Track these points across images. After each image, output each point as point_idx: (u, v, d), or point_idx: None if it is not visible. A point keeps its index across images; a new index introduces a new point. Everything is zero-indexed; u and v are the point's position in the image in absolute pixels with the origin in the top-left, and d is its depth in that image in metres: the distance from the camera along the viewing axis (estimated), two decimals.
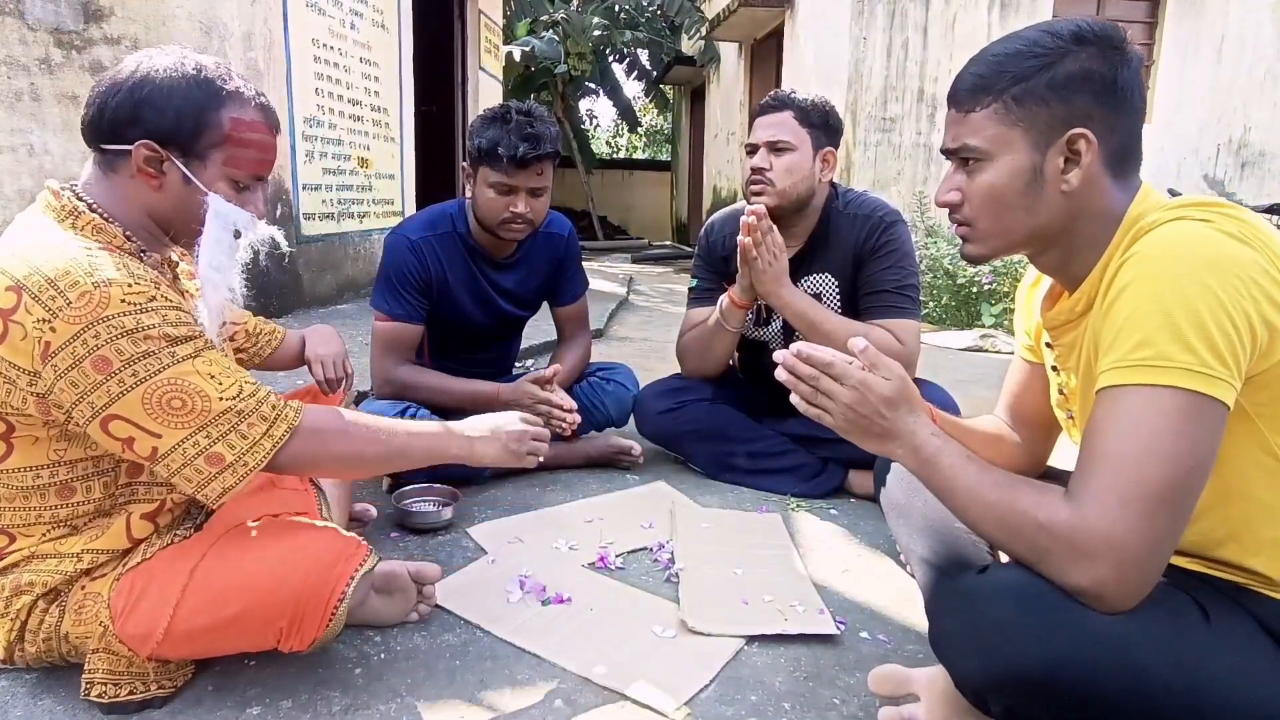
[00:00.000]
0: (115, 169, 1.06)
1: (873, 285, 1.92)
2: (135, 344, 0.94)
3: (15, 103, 3.60)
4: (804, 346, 0.96)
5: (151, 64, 1.04)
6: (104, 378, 0.93)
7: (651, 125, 23.70)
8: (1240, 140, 7.16)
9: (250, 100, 1.10)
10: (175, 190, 1.06)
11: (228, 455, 0.99)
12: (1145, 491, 0.78)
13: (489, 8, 7.46)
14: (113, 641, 1.03)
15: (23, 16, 3.56)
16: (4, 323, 0.93)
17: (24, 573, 1.04)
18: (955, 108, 0.96)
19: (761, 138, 1.91)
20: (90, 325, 0.92)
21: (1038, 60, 0.90)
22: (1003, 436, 1.24)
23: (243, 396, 1.00)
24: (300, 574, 1.03)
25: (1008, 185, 0.93)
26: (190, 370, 0.97)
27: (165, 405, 0.96)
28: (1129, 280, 0.83)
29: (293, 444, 1.03)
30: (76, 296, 0.92)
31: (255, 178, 1.13)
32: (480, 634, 1.32)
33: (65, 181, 1.07)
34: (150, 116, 1.02)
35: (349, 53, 4.70)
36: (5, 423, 1.00)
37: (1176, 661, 0.79)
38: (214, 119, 1.05)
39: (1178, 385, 0.78)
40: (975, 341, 4.67)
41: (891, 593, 1.52)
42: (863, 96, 6.68)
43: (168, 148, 1.04)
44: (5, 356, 0.94)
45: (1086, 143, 0.89)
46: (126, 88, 1.03)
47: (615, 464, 2.17)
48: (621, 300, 5.99)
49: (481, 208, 1.91)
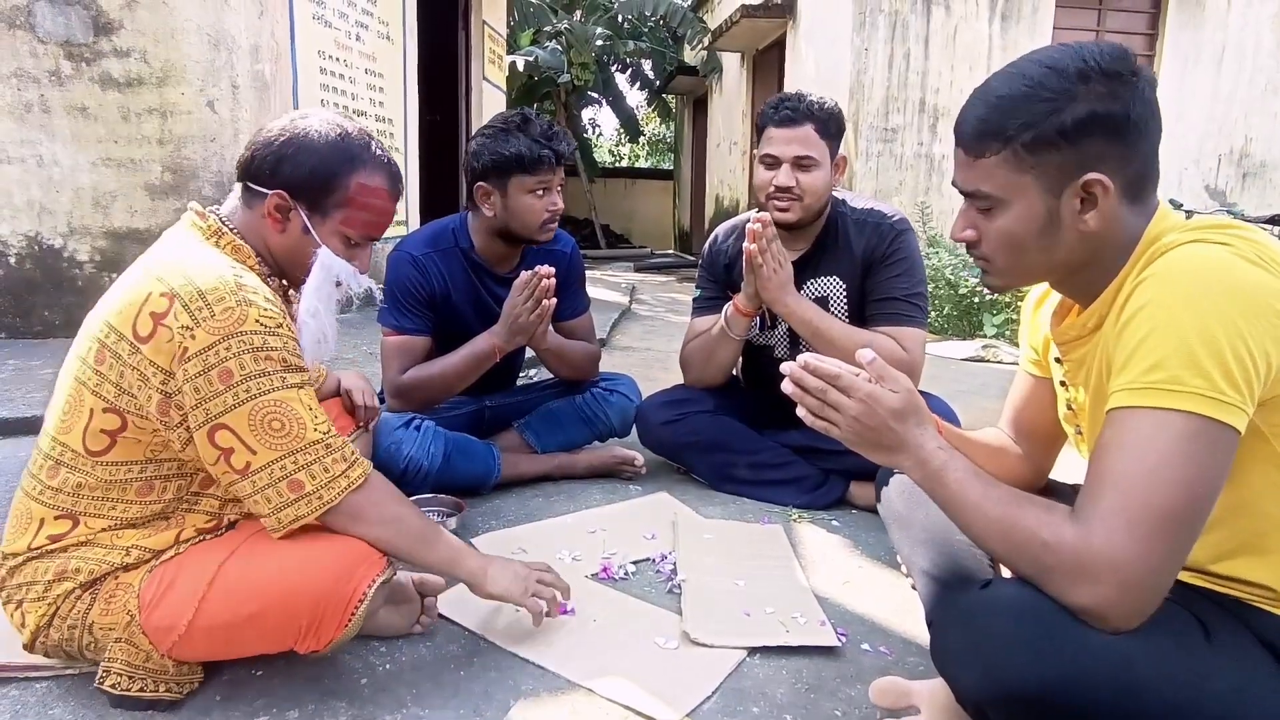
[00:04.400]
0: (252, 206, 1.19)
1: (881, 292, 1.93)
2: (257, 362, 1.03)
3: (25, 114, 3.63)
4: (810, 358, 0.96)
5: (306, 123, 1.18)
6: (224, 388, 1.02)
7: (654, 134, 23.78)
8: (1241, 151, 7.18)
9: (382, 168, 1.22)
10: (294, 237, 1.19)
11: (307, 484, 1.07)
12: (1152, 515, 0.78)
13: (493, 18, 7.51)
14: (136, 633, 1.06)
15: (33, 30, 3.60)
16: (155, 324, 1.02)
17: (72, 558, 1.08)
18: (965, 151, 0.94)
19: (786, 154, 1.88)
20: (226, 338, 1.02)
21: (1045, 105, 0.87)
22: (1005, 449, 1.25)
23: (331, 434, 1.09)
24: (323, 575, 1.06)
25: (1024, 230, 0.92)
26: (295, 398, 1.06)
27: (267, 425, 1.04)
28: (1144, 302, 0.83)
29: (360, 493, 1.10)
30: (221, 310, 1.02)
31: (367, 238, 1.24)
32: (485, 644, 1.33)
33: (207, 208, 1.19)
34: (288, 170, 1.16)
35: (354, 64, 4.74)
36: (121, 418, 1.06)
37: (1178, 679, 0.80)
38: (342, 182, 1.18)
39: (1190, 410, 0.78)
40: (977, 352, 4.67)
41: (893, 605, 1.52)
42: (864, 107, 6.72)
43: (297, 199, 1.17)
44: (148, 355, 1.02)
45: (1103, 187, 0.88)
46: (278, 141, 1.16)
47: (618, 474, 2.18)
48: (624, 310, 6.00)
49: (520, 216, 1.92)
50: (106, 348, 1.05)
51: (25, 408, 2.59)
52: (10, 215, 3.70)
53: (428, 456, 1.86)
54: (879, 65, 6.67)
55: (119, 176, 3.71)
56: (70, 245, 3.74)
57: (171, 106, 3.67)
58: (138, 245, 3.73)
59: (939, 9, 6.66)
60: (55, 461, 1.08)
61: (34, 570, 1.08)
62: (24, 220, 3.71)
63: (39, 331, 3.77)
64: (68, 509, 1.08)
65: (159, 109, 3.67)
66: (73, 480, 1.07)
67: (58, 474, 1.08)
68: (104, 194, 3.72)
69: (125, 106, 3.66)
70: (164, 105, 3.67)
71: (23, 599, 1.08)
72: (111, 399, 1.05)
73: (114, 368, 1.04)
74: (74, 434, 1.07)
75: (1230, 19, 6.92)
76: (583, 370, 2.19)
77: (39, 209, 3.71)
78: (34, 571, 1.08)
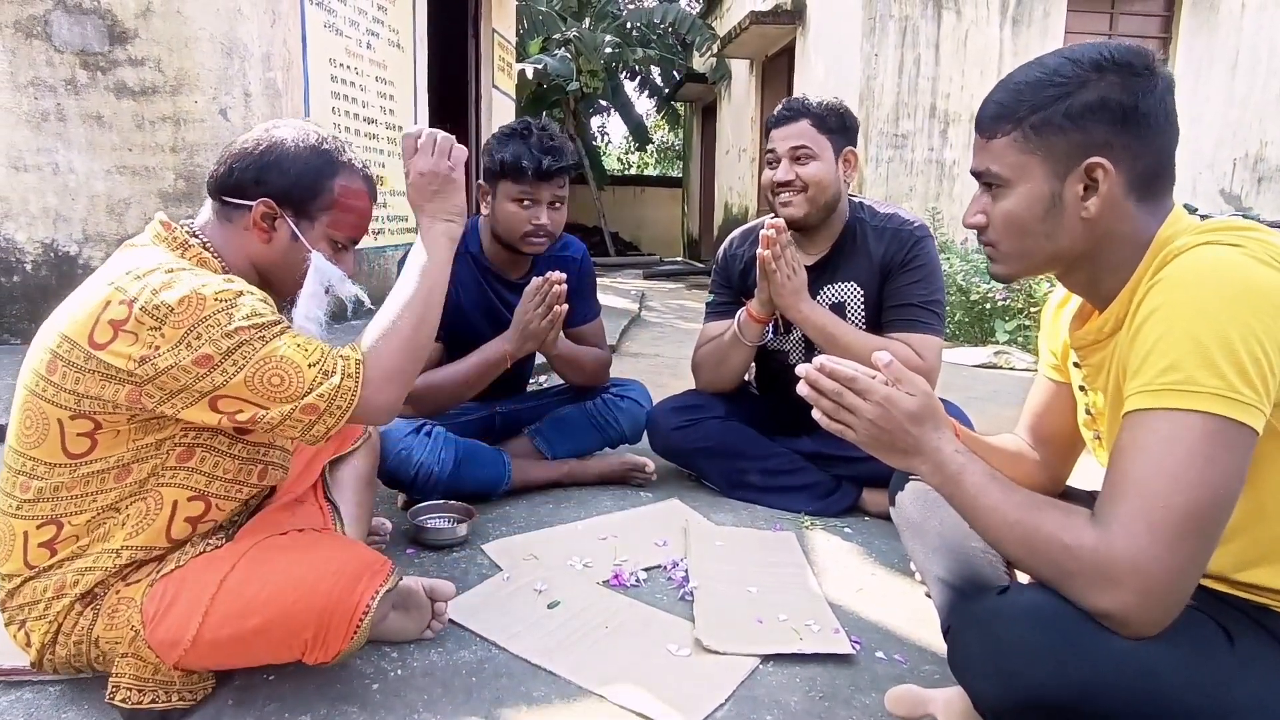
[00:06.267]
0: (231, 219, 1.18)
1: (898, 299, 1.92)
2: (229, 337, 1.02)
3: (42, 123, 3.67)
4: (827, 360, 0.96)
5: (279, 133, 1.19)
6: (207, 370, 1.02)
7: (663, 142, 23.83)
8: (1257, 155, 7.13)
9: (358, 171, 1.24)
10: (282, 245, 1.19)
11: (320, 405, 1.07)
12: (1174, 517, 0.77)
13: (502, 26, 7.56)
14: (142, 647, 1.06)
15: (50, 39, 3.64)
16: (115, 331, 1.01)
17: (68, 572, 1.07)
18: (980, 133, 0.97)
19: (783, 149, 1.90)
20: (192, 328, 1.01)
21: (1056, 89, 0.90)
22: (1022, 455, 1.24)
23: (324, 356, 1.09)
24: (326, 586, 1.06)
25: (1027, 211, 0.94)
26: (278, 345, 1.06)
27: (267, 383, 1.04)
28: (1157, 305, 0.83)
29: (366, 377, 1.10)
30: (177, 302, 1.01)
31: (352, 240, 1.25)
32: (496, 651, 1.32)
33: (178, 220, 1.19)
34: (274, 178, 1.16)
35: (365, 72, 4.78)
36: (92, 421, 1.05)
37: (1200, 686, 0.79)
38: (327, 185, 1.19)
39: (1206, 410, 0.77)
40: (989, 358, 4.65)
41: (907, 612, 1.51)
42: (874, 113, 6.71)
43: (283, 207, 1.17)
44: (106, 359, 1.02)
45: (1104, 171, 0.89)
46: (256, 152, 1.17)
47: (629, 481, 2.18)
48: (633, 316, 6.01)
49: (503, 222, 1.93)
50: (59, 357, 1.03)
51: None
52: (27, 222, 3.74)
53: (438, 462, 1.86)
54: (889, 71, 6.67)
55: (133, 184, 3.74)
56: (85, 252, 3.78)
57: (185, 114, 3.71)
58: None
59: (949, 14, 6.65)
60: (27, 475, 1.06)
61: (33, 590, 1.08)
62: (40, 227, 3.75)
63: None
64: (48, 515, 1.07)
65: (172, 117, 3.71)
66: (48, 488, 1.06)
67: (30, 486, 1.06)
68: (118, 201, 3.75)
69: (140, 114, 3.70)
70: (177, 113, 3.70)
71: (25, 619, 1.08)
72: (73, 406, 1.03)
73: (68, 375, 1.02)
74: (45, 448, 1.05)
75: (1244, 23, 6.89)
76: (594, 376, 2.19)
77: (55, 216, 3.74)
78: (33, 591, 1.08)
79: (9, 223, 3.73)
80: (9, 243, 3.75)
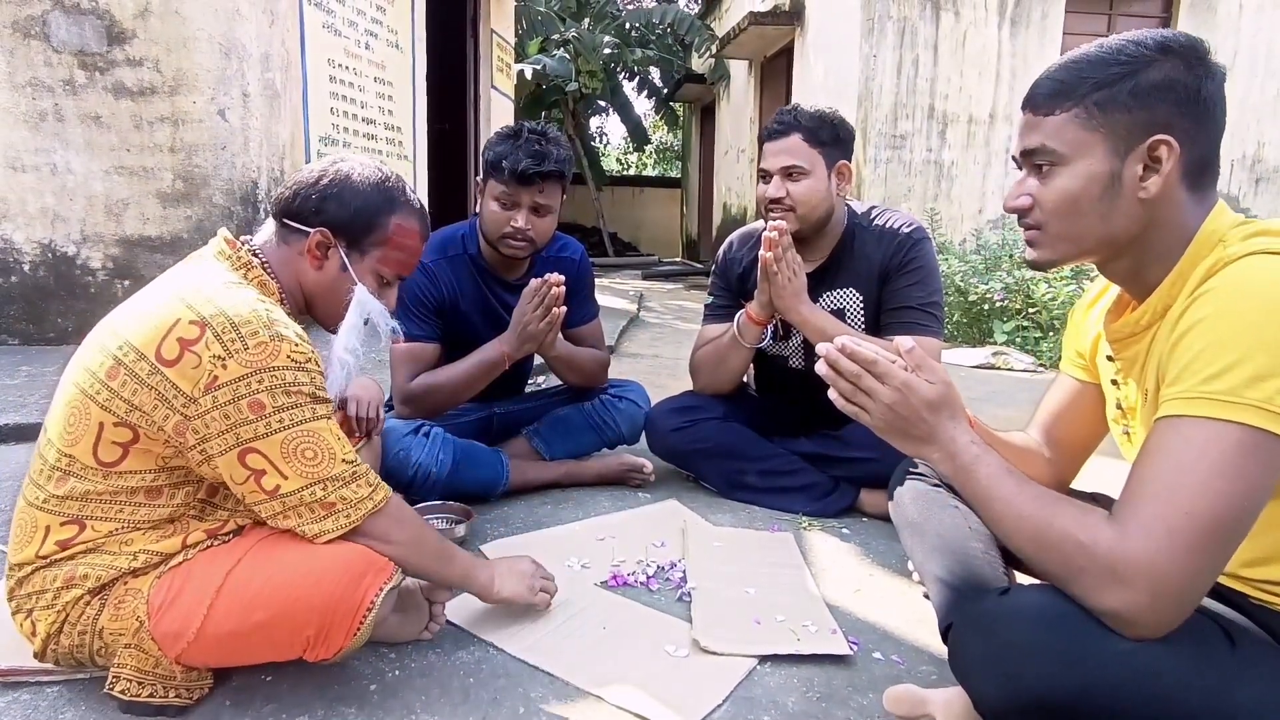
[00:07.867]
0: (289, 242, 1.23)
1: (896, 301, 1.92)
2: (288, 395, 1.05)
3: (40, 123, 3.67)
4: (849, 341, 0.94)
5: (346, 166, 1.24)
6: (256, 417, 1.04)
7: (661, 142, 23.83)
8: (1254, 156, 7.14)
9: (416, 210, 1.28)
10: (331, 274, 1.23)
11: (338, 505, 1.10)
12: (1194, 525, 0.77)
13: (501, 26, 7.56)
14: (145, 639, 1.06)
15: (48, 39, 3.64)
16: (183, 350, 1.03)
17: (80, 565, 1.08)
18: (1032, 111, 0.94)
19: (774, 166, 1.91)
20: (258, 371, 1.04)
21: (1122, 67, 0.88)
22: (1031, 452, 1.24)
23: (357, 461, 1.13)
24: (330, 583, 1.06)
25: (1084, 190, 0.91)
26: (325, 428, 1.09)
27: (300, 454, 1.07)
28: (1204, 315, 0.82)
29: (383, 515, 1.14)
30: (254, 344, 1.04)
31: (399, 277, 1.30)
32: (494, 651, 1.32)
33: (240, 238, 1.23)
34: (333, 209, 1.21)
35: (364, 72, 4.78)
36: (133, 432, 1.06)
37: (1201, 688, 0.79)
38: (382, 222, 1.24)
39: (1244, 421, 0.77)
40: (987, 359, 4.66)
41: (904, 613, 1.51)
42: (873, 114, 6.72)
43: (338, 237, 1.22)
44: (172, 378, 1.03)
45: (1168, 149, 0.87)
46: (321, 182, 1.21)
47: (627, 482, 2.17)
48: (632, 317, 6.01)
49: (485, 219, 1.95)
50: (123, 365, 1.05)
51: (38, 414, 2.61)
52: (25, 223, 3.74)
53: (436, 463, 1.86)
54: (887, 72, 6.68)
55: (131, 184, 3.74)
56: (83, 252, 3.77)
57: (183, 115, 3.71)
58: (149, 253, 3.76)
59: (948, 15, 6.66)
60: (63, 472, 1.08)
61: (43, 579, 1.08)
62: (38, 227, 3.75)
63: (51, 338, 3.80)
64: (74, 514, 1.08)
65: (170, 117, 3.70)
66: (80, 488, 1.07)
67: (66, 483, 1.07)
68: (116, 201, 3.75)
69: (138, 115, 3.70)
70: (176, 114, 3.70)
71: (33, 607, 1.09)
72: (122, 414, 1.05)
73: (128, 385, 1.04)
74: (81, 446, 1.07)
75: (1242, 24, 6.90)
76: (592, 377, 2.19)
77: (53, 216, 3.74)
78: (43, 580, 1.08)
79: (6, 223, 3.73)
80: (7, 243, 3.74)
